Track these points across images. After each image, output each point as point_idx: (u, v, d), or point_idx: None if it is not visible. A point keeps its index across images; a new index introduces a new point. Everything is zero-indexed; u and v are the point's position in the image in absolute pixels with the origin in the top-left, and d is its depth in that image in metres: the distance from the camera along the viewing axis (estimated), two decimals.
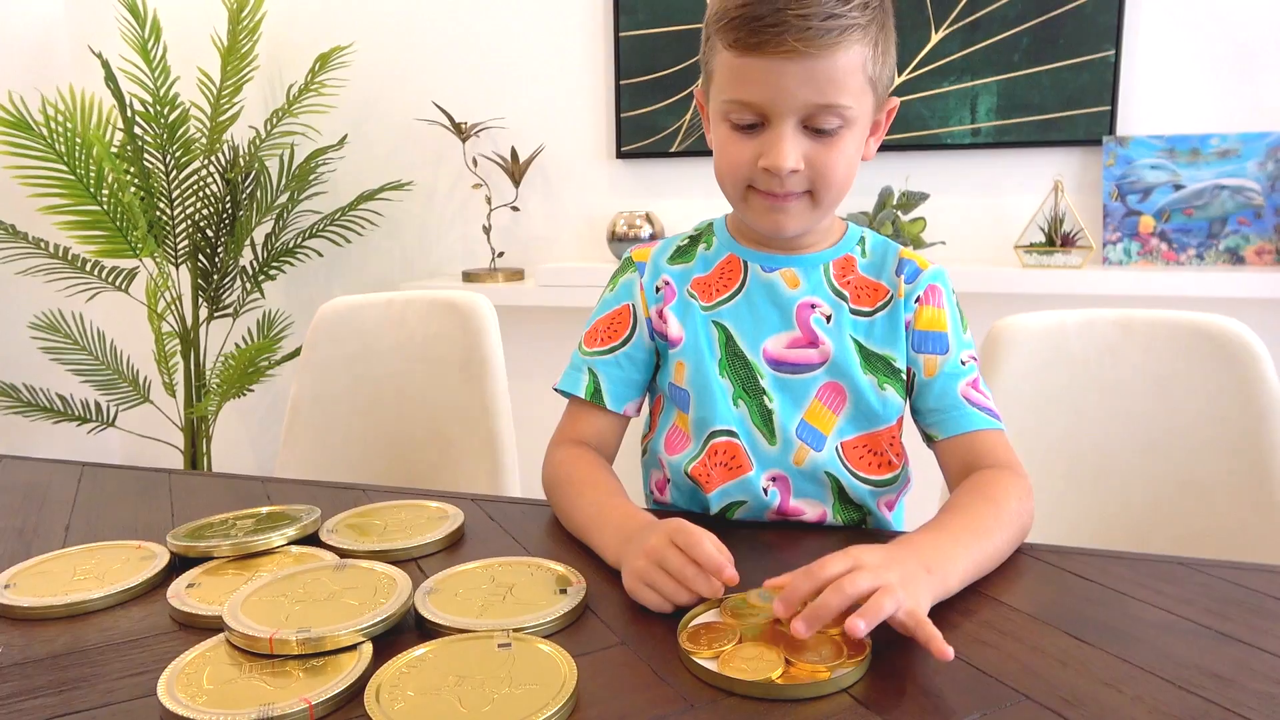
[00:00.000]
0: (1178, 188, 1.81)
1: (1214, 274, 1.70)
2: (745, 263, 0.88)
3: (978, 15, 1.87)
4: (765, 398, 0.84)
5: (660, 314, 0.89)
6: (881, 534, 0.85)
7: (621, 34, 2.09)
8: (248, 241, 2.18)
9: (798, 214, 0.82)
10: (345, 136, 2.23)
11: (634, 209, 2.09)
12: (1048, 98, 1.87)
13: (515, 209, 2.19)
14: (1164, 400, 1.11)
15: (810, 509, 0.85)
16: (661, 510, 0.90)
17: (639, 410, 0.93)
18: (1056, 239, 1.82)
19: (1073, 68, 1.85)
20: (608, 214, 2.14)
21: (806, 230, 0.85)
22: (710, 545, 0.65)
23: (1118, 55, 1.82)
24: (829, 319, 0.85)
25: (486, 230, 2.18)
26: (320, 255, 2.28)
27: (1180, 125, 1.83)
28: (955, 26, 1.88)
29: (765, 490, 0.84)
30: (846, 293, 0.87)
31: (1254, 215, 1.78)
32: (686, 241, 0.94)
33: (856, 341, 0.85)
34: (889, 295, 0.86)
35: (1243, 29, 1.76)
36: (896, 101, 0.86)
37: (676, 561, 0.65)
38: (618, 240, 2.06)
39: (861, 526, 0.87)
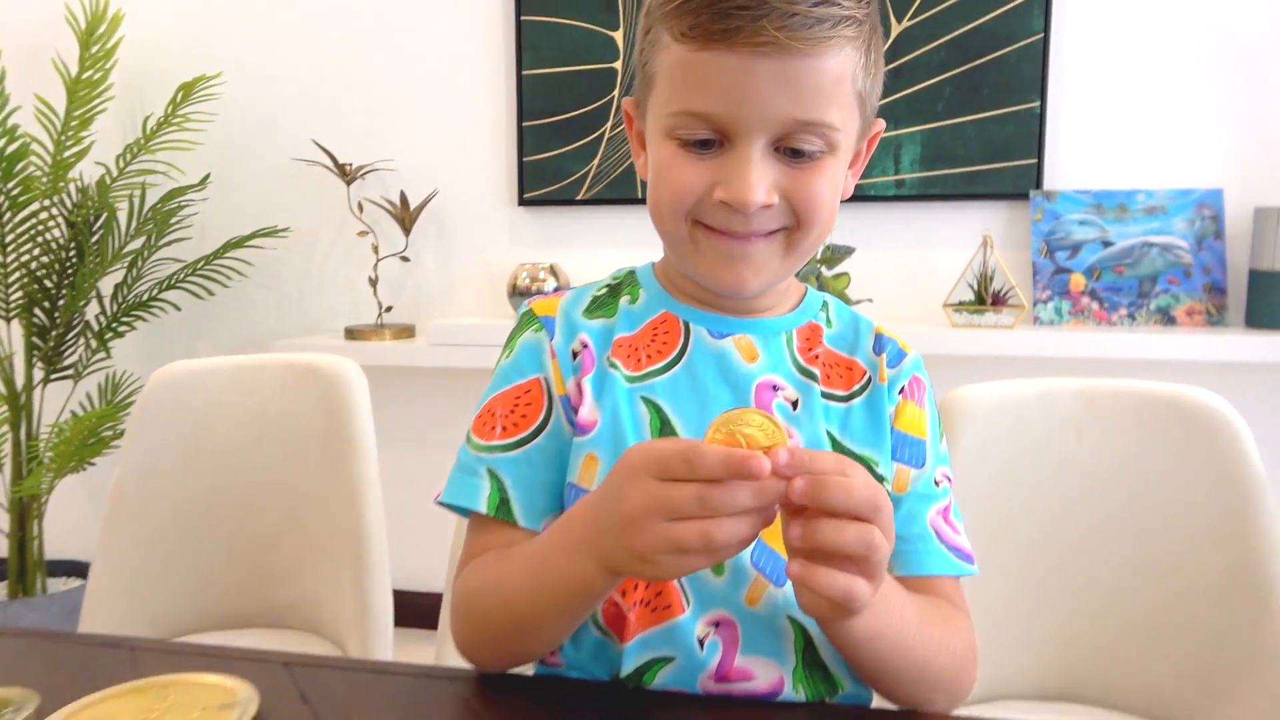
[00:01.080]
0: (1106, 244, 1.74)
1: (1147, 335, 1.63)
2: (686, 324, 0.67)
3: (899, 62, 1.78)
4: None
5: (579, 387, 0.66)
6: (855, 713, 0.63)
7: (524, 72, 1.93)
8: (93, 293, 1.91)
9: (765, 263, 0.62)
10: (207, 176, 1.99)
11: (537, 260, 1.91)
12: (973, 149, 1.78)
13: (405, 259, 1.99)
14: (1133, 483, 0.98)
15: (763, 672, 0.62)
16: (549, 676, 0.66)
17: None
18: (987, 297, 1.72)
19: (998, 119, 1.77)
20: (508, 266, 1.96)
21: (774, 285, 0.66)
22: (710, 448, 0.49)
23: (1043, 107, 1.75)
24: (795, 405, 0.65)
25: (373, 282, 1.96)
26: (177, 309, 2.02)
27: (1107, 180, 1.76)
28: None
29: (702, 641, 0.61)
30: (816, 370, 0.67)
31: (1183, 274, 1.71)
32: (604, 291, 0.72)
33: (831, 436, 0.65)
34: (866, 377, 0.68)
35: (1168, 83, 1.72)
36: (882, 124, 0.68)
37: (684, 497, 0.48)
38: (518, 294, 1.88)
39: (825, 701, 0.63)
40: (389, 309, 2.00)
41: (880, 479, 0.65)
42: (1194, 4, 1.69)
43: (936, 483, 0.67)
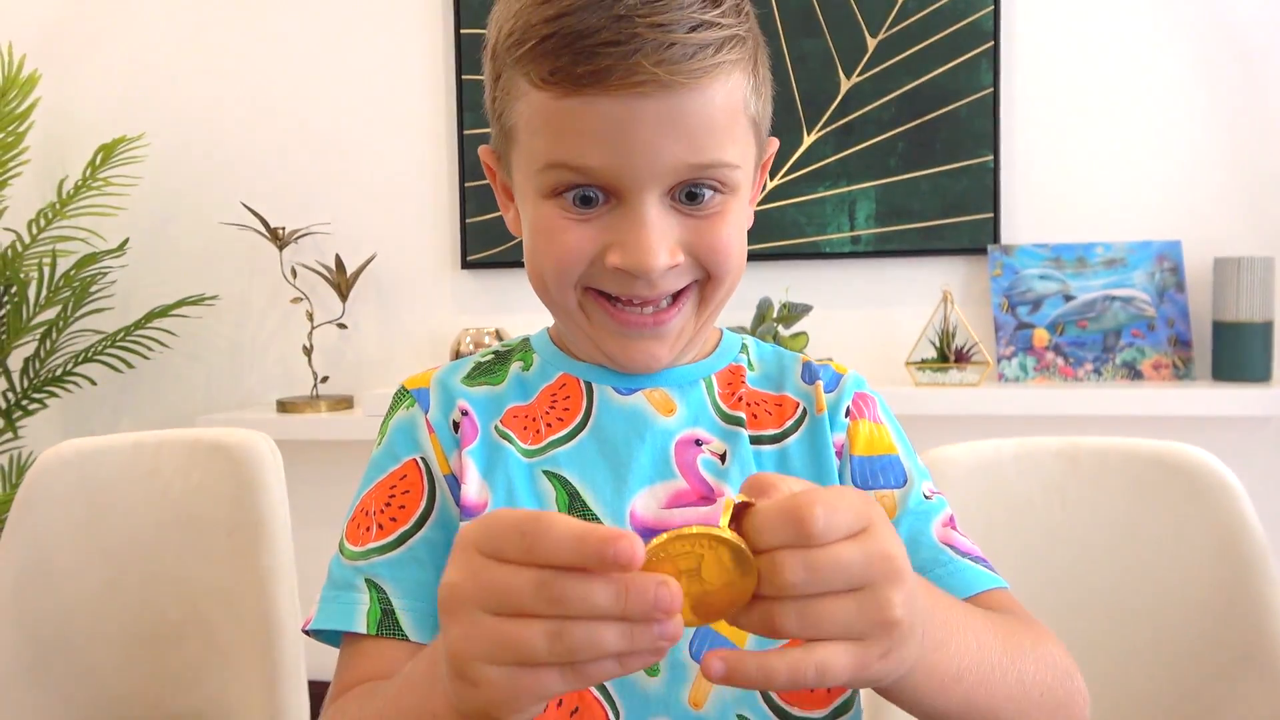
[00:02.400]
0: (1068, 298, 1.70)
1: (1116, 391, 1.57)
2: (588, 384, 0.59)
3: (850, 118, 1.75)
4: None
5: (462, 461, 0.57)
6: None
7: (466, 132, 1.86)
8: (1, 369, 1.77)
9: (680, 332, 0.55)
10: (126, 240, 1.88)
11: (481, 325, 1.82)
12: (928, 204, 1.74)
13: (342, 326, 1.88)
14: (1123, 551, 0.90)
15: None
16: None
17: None
18: (950, 355, 1.66)
19: (951, 173, 1.73)
20: (451, 331, 1.86)
21: (686, 347, 0.58)
22: (559, 519, 0.34)
23: (996, 161, 1.72)
24: (724, 459, 0.57)
25: (307, 351, 1.85)
26: (93, 383, 1.88)
27: (1065, 233, 1.73)
28: (828, 129, 1.75)
29: None
30: (742, 414, 0.59)
31: (1147, 327, 1.67)
32: (490, 359, 0.64)
33: None
34: (800, 410, 0.60)
35: (1120, 134, 1.70)
36: (775, 144, 0.61)
37: (517, 581, 0.34)
38: None
39: None
40: (325, 379, 1.89)
41: None
42: (1139, 58, 1.69)
43: (927, 495, 0.59)
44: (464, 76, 1.86)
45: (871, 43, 1.75)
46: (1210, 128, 1.67)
